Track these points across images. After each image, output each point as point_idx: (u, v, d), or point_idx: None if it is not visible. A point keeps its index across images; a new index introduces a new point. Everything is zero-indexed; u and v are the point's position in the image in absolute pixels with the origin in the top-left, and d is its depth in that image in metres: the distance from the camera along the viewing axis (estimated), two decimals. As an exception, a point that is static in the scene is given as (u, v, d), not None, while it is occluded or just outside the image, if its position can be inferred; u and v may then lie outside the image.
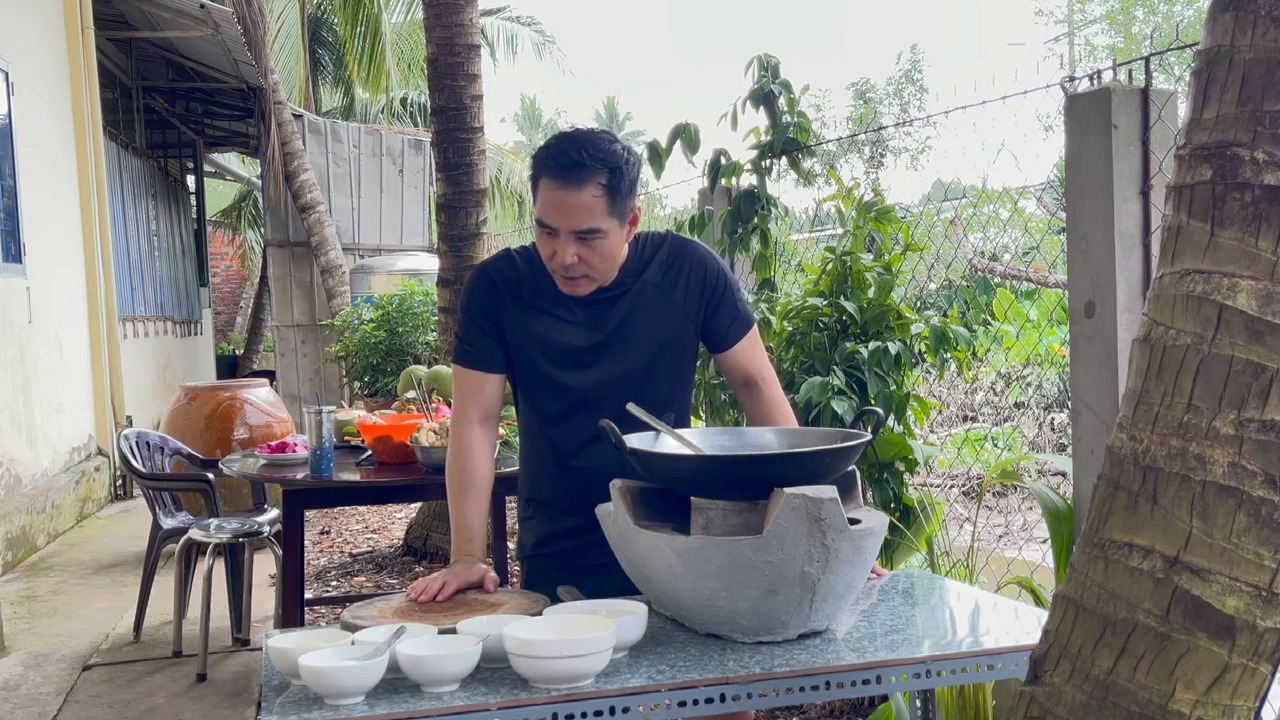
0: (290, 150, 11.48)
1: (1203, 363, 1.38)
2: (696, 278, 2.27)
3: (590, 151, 2.06)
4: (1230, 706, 1.39)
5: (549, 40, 20.56)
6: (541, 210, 2.10)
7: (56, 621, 5.07)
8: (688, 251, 2.30)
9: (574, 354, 2.23)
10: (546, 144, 2.14)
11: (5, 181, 6.89)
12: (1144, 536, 1.41)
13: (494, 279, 2.26)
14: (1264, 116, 1.35)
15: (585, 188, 2.05)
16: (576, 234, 2.08)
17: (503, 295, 2.24)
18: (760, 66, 4.09)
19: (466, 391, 2.28)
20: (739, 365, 2.34)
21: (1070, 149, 2.67)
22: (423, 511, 6.18)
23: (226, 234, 21.30)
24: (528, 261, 2.25)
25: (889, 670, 1.80)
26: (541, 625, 1.82)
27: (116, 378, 8.80)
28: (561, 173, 2.06)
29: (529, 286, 2.23)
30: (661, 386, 2.28)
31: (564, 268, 2.12)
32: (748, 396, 2.37)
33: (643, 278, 2.25)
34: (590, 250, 2.11)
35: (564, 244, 2.09)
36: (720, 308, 2.29)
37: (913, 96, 21.27)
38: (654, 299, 2.25)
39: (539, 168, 2.11)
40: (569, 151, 2.07)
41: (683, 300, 2.26)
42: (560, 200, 2.07)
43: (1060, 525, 2.71)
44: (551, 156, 2.08)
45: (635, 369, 2.25)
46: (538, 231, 2.14)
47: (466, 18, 5.98)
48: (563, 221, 2.08)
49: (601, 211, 2.08)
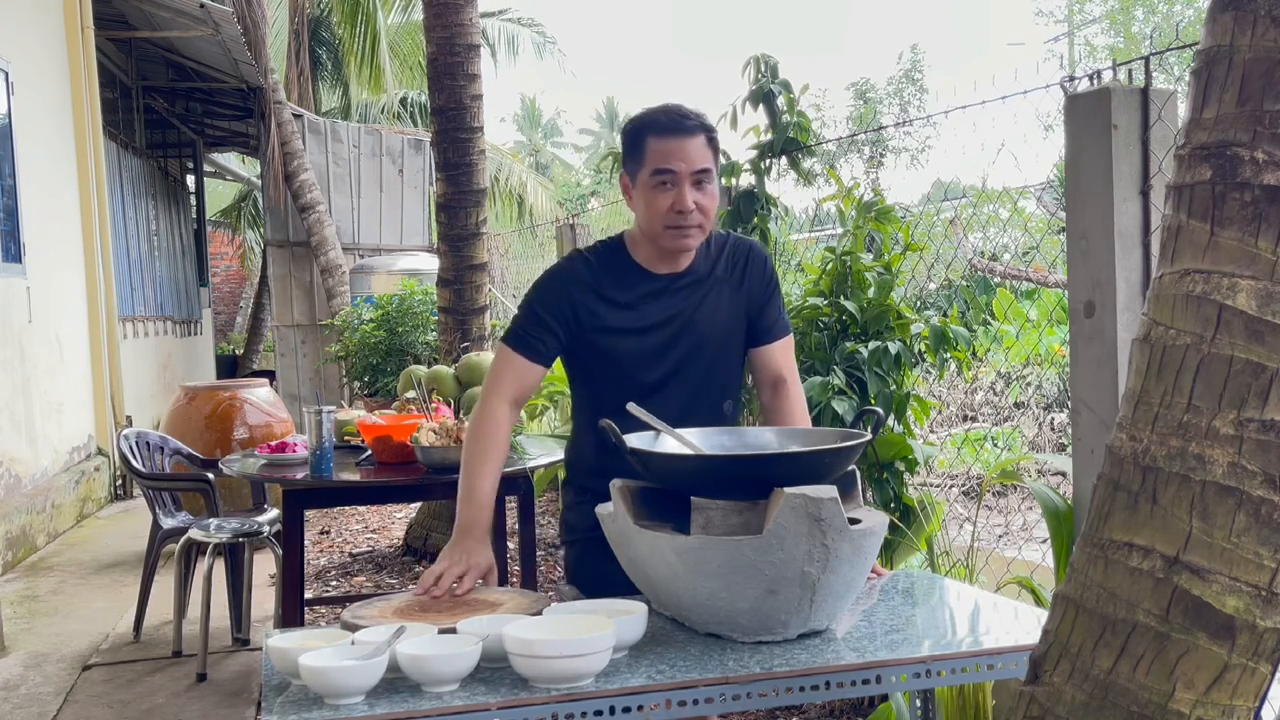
0: (290, 150, 11.48)
1: (1203, 363, 1.38)
2: (758, 271, 2.43)
3: (693, 112, 2.31)
4: (1230, 706, 1.39)
5: (549, 41, 20.58)
6: (661, 159, 2.25)
7: (56, 621, 5.07)
8: (752, 247, 2.47)
9: (648, 343, 2.34)
10: (646, 113, 2.33)
11: (5, 181, 6.89)
12: (1144, 536, 1.41)
13: (567, 279, 2.36)
14: (1264, 116, 1.35)
15: (697, 136, 2.27)
16: (694, 176, 2.25)
17: (576, 293, 2.34)
18: (758, 66, 4.09)
19: (508, 372, 2.35)
20: (774, 362, 2.46)
21: (1070, 149, 2.67)
22: (423, 511, 6.18)
23: (226, 234, 21.30)
24: (599, 256, 2.38)
25: (889, 670, 1.80)
26: (541, 625, 1.82)
27: (116, 378, 8.80)
28: (676, 125, 2.27)
29: (604, 278, 2.35)
30: (724, 376, 2.43)
31: (683, 215, 2.25)
32: (772, 395, 2.46)
33: (714, 273, 2.39)
34: (704, 195, 2.27)
35: (683, 189, 2.24)
36: (770, 303, 2.45)
37: (913, 96, 21.27)
38: (724, 292, 2.39)
39: (646, 129, 2.28)
40: (675, 111, 2.29)
41: (746, 294, 2.42)
42: (679, 147, 2.25)
43: (1060, 525, 2.71)
44: (662, 117, 2.29)
45: (704, 359, 2.37)
46: (651, 188, 2.26)
47: (466, 18, 5.98)
48: (685, 163, 2.24)
49: (711, 158, 2.29)
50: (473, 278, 6.21)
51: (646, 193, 2.27)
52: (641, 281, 2.35)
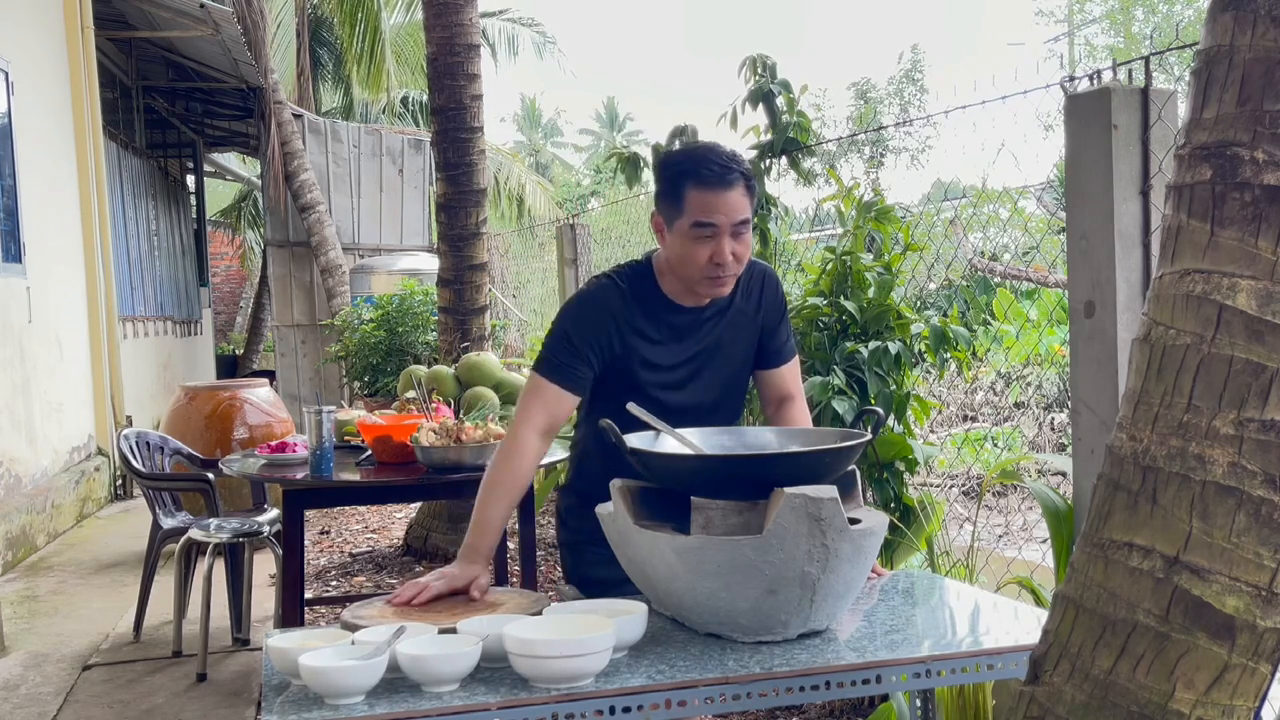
0: (290, 150, 11.48)
1: (1203, 362, 1.38)
2: (771, 298, 2.45)
3: (734, 160, 2.27)
4: (1230, 706, 1.39)
5: (550, 40, 20.57)
6: (702, 212, 2.22)
7: (56, 621, 5.07)
8: (765, 273, 2.47)
9: (674, 374, 2.35)
10: (686, 158, 2.28)
11: (5, 181, 6.89)
12: (1144, 536, 1.41)
13: (608, 309, 2.34)
14: (1264, 116, 1.35)
15: (736, 187, 2.24)
16: (733, 228, 2.23)
17: (617, 324, 2.33)
18: (754, 67, 4.09)
19: (539, 401, 2.31)
20: (782, 384, 2.48)
21: (1070, 149, 2.67)
22: (423, 511, 6.18)
23: (226, 234, 21.30)
24: (631, 286, 2.36)
25: (889, 670, 1.80)
26: (541, 625, 1.82)
27: (116, 378, 8.80)
28: (718, 176, 2.23)
29: (636, 310, 2.35)
30: (736, 400, 2.47)
31: (722, 267, 2.24)
32: (777, 411, 2.49)
33: (734, 302, 2.39)
34: (741, 245, 2.26)
35: (723, 242, 2.23)
36: (780, 327, 2.47)
37: (913, 96, 21.27)
38: (742, 321, 2.41)
39: (688, 177, 2.24)
40: (716, 160, 2.24)
41: (762, 320, 2.43)
42: (719, 200, 2.22)
43: (1060, 525, 2.71)
44: (701, 166, 2.24)
45: (721, 385, 2.40)
46: (690, 238, 2.24)
47: (466, 17, 5.98)
48: (726, 217, 2.22)
49: (749, 206, 2.28)
50: (473, 278, 6.21)
51: (685, 241, 2.25)
52: (670, 314, 2.34)
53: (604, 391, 2.37)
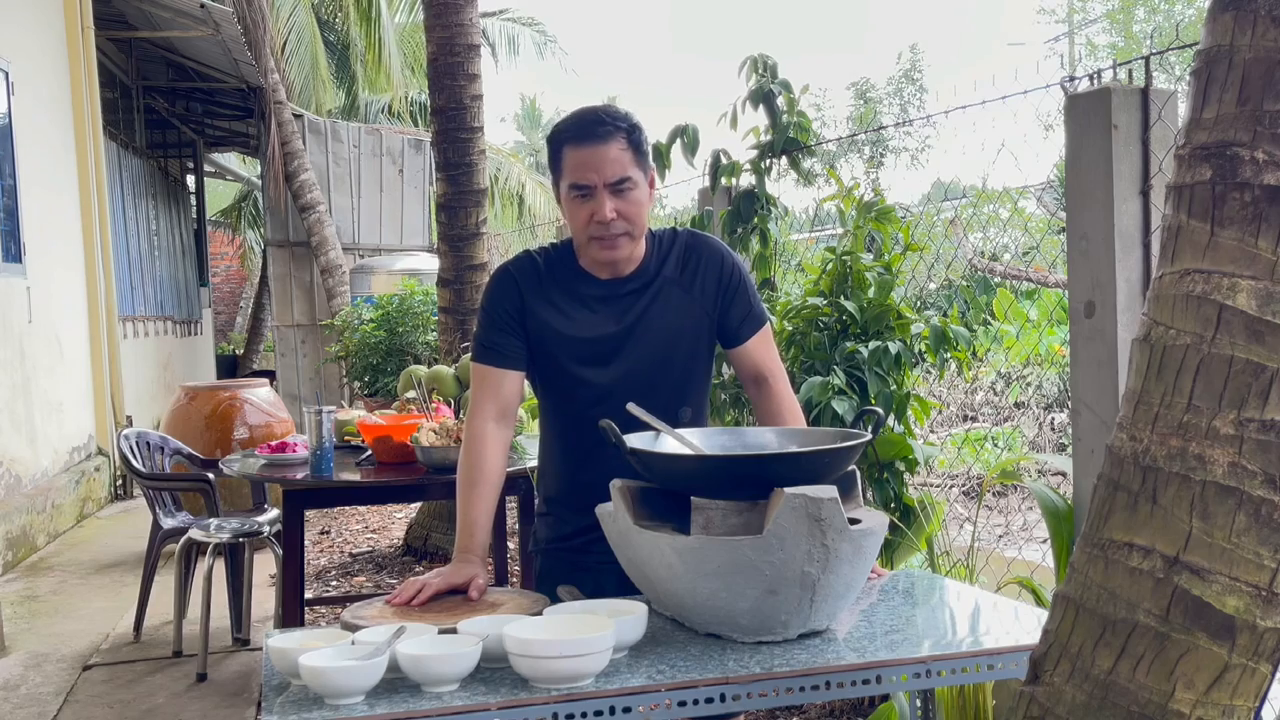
0: (290, 150, 11.48)
1: (1203, 363, 1.38)
2: (713, 271, 2.30)
3: (608, 114, 2.19)
4: (1230, 706, 1.39)
5: (550, 40, 20.57)
6: (574, 173, 2.16)
7: (56, 621, 5.07)
8: (703, 245, 2.34)
9: (594, 349, 2.26)
10: (562, 122, 2.23)
11: (5, 181, 6.89)
12: (1144, 536, 1.41)
13: (515, 277, 2.29)
14: (1264, 116, 1.35)
15: (611, 143, 2.15)
16: (611, 187, 2.15)
17: (525, 292, 2.27)
18: (755, 67, 4.09)
19: (483, 388, 2.30)
20: (750, 362, 2.35)
21: (1070, 149, 2.67)
22: (423, 511, 6.18)
23: (226, 234, 21.30)
24: (547, 259, 2.30)
25: (889, 670, 1.80)
26: (541, 625, 1.82)
27: (116, 378, 8.80)
28: (588, 132, 2.16)
29: (550, 283, 2.28)
30: (678, 381, 2.31)
31: (604, 226, 2.16)
32: (756, 393, 2.38)
33: (662, 273, 2.29)
34: (626, 203, 2.17)
35: (600, 200, 2.15)
36: (735, 302, 2.32)
37: (913, 96, 21.27)
38: (673, 293, 2.28)
39: (561, 139, 2.19)
40: (588, 117, 2.18)
41: (700, 294, 2.30)
42: (590, 157, 2.15)
43: (1060, 525, 2.71)
44: (573, 125, 2.18)
45: (654, 363, 2.27)
46: (570, 201, 2.19)
47: (466, 18, 5.98)
48: (598, 175, 2.15)
49: (630, 163, 2.17)
50: (473, 278, 6.21)
51: (568, 205, 2.19)
52: (586, 287, 2.27)
53: (538, 376, 2.33)
